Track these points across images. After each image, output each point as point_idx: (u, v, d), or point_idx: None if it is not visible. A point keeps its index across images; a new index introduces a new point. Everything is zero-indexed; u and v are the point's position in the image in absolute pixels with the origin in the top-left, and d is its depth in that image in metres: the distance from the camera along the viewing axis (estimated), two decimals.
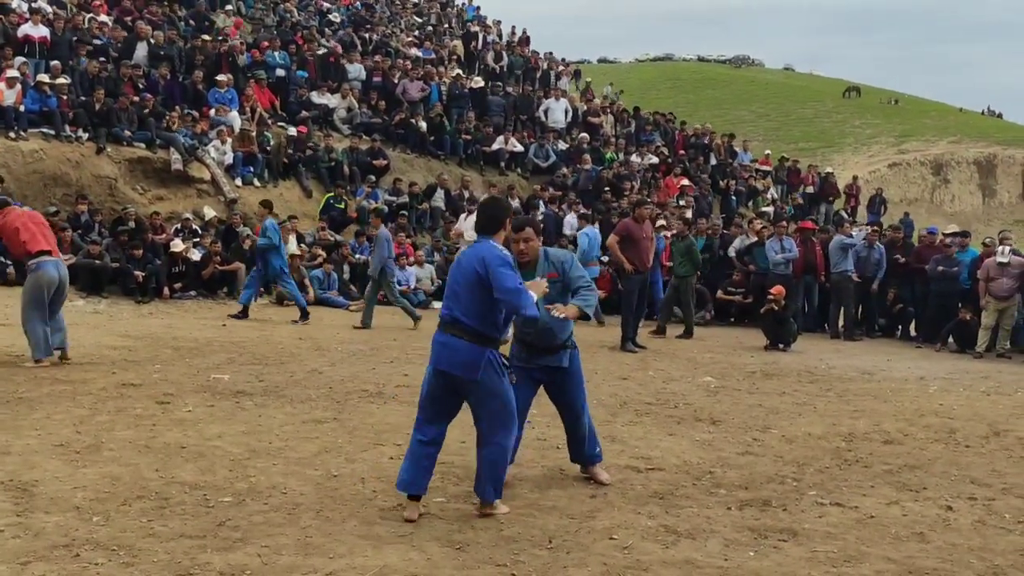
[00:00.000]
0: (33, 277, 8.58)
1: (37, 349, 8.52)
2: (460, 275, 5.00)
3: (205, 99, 17.60)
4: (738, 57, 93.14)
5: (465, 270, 4.95)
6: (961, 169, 56.72)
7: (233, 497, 5.11)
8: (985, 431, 7.62)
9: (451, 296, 5.01)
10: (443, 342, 4.95)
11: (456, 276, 5.04)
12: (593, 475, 5.78)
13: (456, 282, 5.01)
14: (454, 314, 4.95)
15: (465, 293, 4.93)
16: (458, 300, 4.95)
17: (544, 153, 21.44)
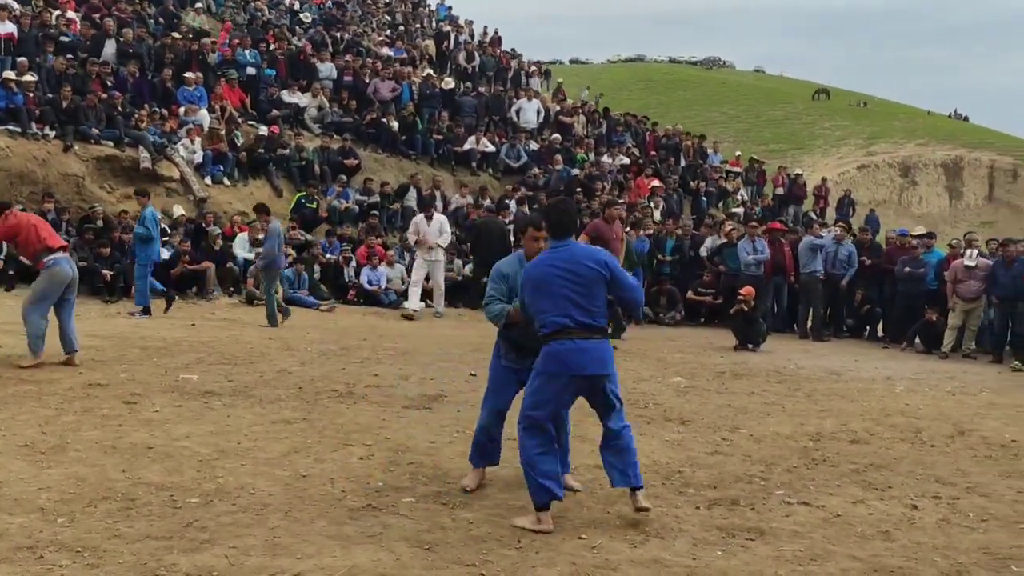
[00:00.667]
0: (49, 273, 8.57)
1: (36, 344, 8.46)
2: (570, 280, 4.94)
3: (174, 97, 17.45)
4: (709, 59, 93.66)
5: (579, 274, 4.93)
6: (928, 171, 57.37)
7: (201, 498, 5.08)
8: (950, 431, 7.71)
9: (563, 303, 4.92)
10: (582, 348, 4.91)
11: (561, 282, 4.94)
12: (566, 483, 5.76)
13: (566, 287, 4.93)
14: (580, 319, 4.91)
15: (586, 296, 4.93)
16: (578, 305, 4.92)
17: (516, 153, 21.45)
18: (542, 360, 5.00)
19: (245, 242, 15.12)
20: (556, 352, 4.93)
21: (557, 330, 4.92)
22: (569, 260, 4.96)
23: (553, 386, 5.00)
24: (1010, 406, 9.07)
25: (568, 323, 4.91)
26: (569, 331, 4.91)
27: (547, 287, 4.96)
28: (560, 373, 4.95)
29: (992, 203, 57.08)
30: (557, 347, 4.92)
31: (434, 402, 7.87)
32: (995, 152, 60.05)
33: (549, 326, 4.94)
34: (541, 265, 5.04)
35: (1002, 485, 6.08)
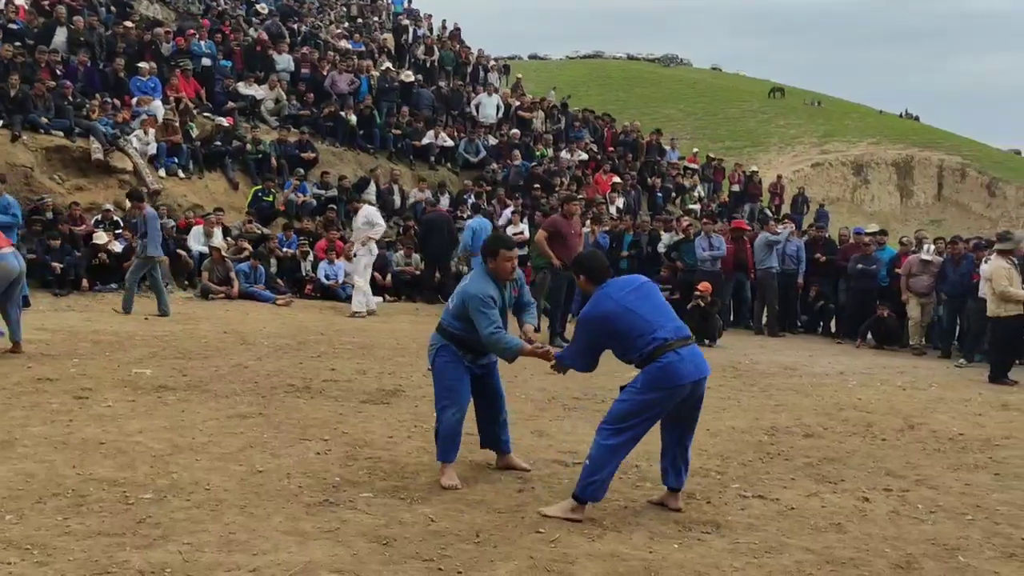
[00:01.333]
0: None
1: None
2: (652, 297, 5.24)
3: (127, 88, 17.15)
4: (667, 56, 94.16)
5: (655, 292, 5.32)
6: (880, 170, 58.24)
7: (154, 494, 5.01)
8: (900, 424, 7.84)
9: (659, 315, 5.13)
10: (687, 355, 5.05)
11: (650, 298, 5.21)
12: (513, 464, 5.88)
13: (654, 302, 5.20)
14: (677, 326, 5.15)
15: (669, 309, 5.25)
16: (669, 316, 5.18)
17: (474, 148, 21.41)
18: (651, 378, 5.03)
19: (200, 235, 14.94)
20: (673, 363, 5.01)
21: (670, 341, 5.04)
22: (648, 283, 5.36)
23: (661, 398, 5.06)
24: (958, 400, 9.24)
25: (671, 335, 5.06)
26: (676, 340, 5.06)
27: (644, 303, 5.14)
28: (679, 382, 5.04)
29: (941, 202, 58.11)
30: (674, 357, 5.02)
31: (392, 397, 7.84)
32: (944, 152, 61.15)
33: (651, 343, 5.02)
34: (612, 299, 5.14)
35: (950, 478, 6.20)
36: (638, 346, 5.03)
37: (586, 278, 5.34)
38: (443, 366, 5.62)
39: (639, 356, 5.05)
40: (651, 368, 5.00)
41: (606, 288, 5.21)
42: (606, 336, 5.17)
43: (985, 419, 8.29)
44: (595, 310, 5.17)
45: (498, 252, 5.51)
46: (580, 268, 5.42)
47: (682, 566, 4.39)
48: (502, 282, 5.55)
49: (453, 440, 5.57)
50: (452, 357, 5.59)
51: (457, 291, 5.65)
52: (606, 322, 5.11)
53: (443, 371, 5.62)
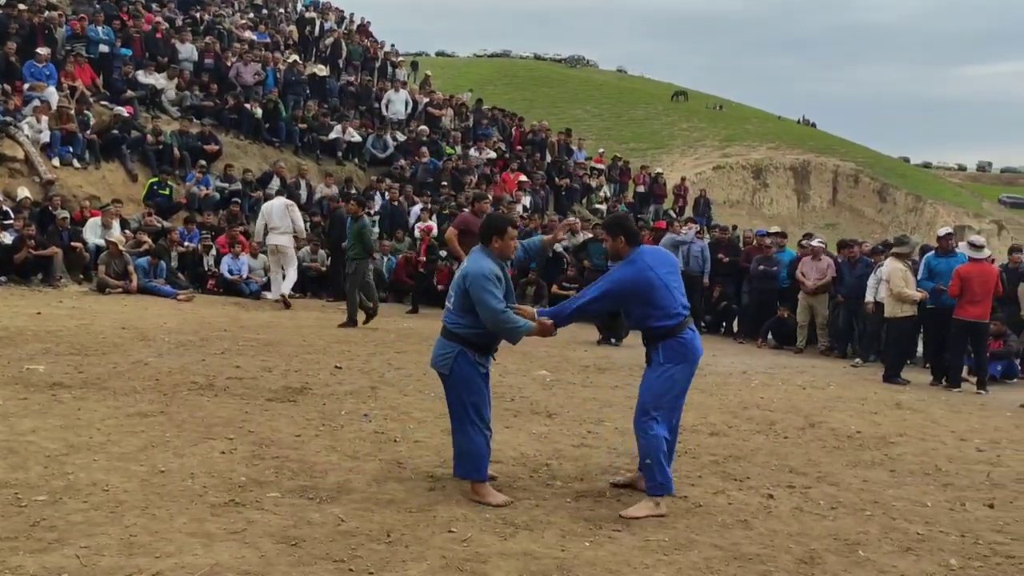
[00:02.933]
0: None
1: None
2: (679, 277, 5.54)
3: (18, 73, 16.46)
4: (573, 57, 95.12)
5: (678, 271, 5.60)
6: (779, 174, 59.92)
7: (49, 495, 4.81)
8: (802, 423, 8.05)
9: (681, 294, 5.44)
10: (696, 333, 5.44)
11: (679, 278, 5.51)
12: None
13: (680, 282, 5.49)
14: (686, 305, 5.44)
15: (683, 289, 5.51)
16: (684, 295, 5.48)
17: (382, 144, 21.22)
18: (673, 352, 5.30)
19: (97, 227, 14.42)
20: (689, 341, 5.33)
21: (685, 319, 5.34)
22: (659, 258, 5.48)
23: (682, 374, 5.37)
24: (855, 399, 9.54)
25: (687, 313, 5.38)
26: (687, 320, 5.37)
27: (661, 284, 5.31)
28: (691, 361, 5.38)
29: (836, 206, 60.13)
30: (690, 336, 5.35)
31: (299, 395, 7.70)
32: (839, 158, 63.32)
33: (675, 318, 5.29)
34: (655, 272, 5.32)
35: (849, 474, 6.38)
36: (660, 317, 5.30)
37: (625, 239, 5.44)
38: (466, 379, 5.30)
39: (659, 328, 5.31)
40: (674, 343, 5.30)
41: (646, 257, 5.39)
42: (635, 300, 5.35)
43: (880, 417, 8.57)
44: (639, 275, 5.30)
45: (505, 230, 5.38)
46: (619, 229, 5.49)
47: (594, 564, 4.41)
48: (505, 262, 5.45)
49: (485, 459, 5.36)
50: (471, 366, 5.29)
51: (454, 282, 5.41)
52: (647, 290, 5.29)
53: (466, 384, 5.31)
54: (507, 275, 5.41)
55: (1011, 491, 6.20)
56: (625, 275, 5.33)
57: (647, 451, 5.28)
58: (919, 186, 64.59)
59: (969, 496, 6.00)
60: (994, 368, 11.92)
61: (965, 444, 7.66)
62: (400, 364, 9.44)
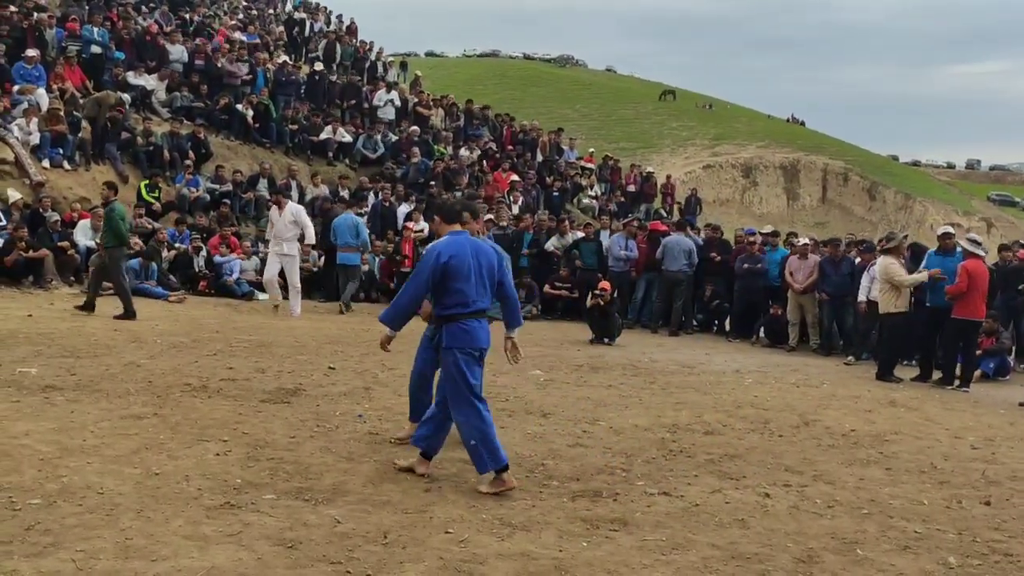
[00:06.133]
0: None
1: None
2: (483, 266, 5.66)
3: (8, 75, 16.37)
4: (562, 57, 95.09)
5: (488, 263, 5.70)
6: (768, 173, 60.04)
7: (43, 499, 4.77)
8: (796, 421, 8.06)
9: (484, 288, 5.64)
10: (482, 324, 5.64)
11: (487, 272, 5.68)
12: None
13: (482, 273, 5.65)
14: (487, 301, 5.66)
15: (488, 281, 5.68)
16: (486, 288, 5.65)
17: (373, 144, 21.16)
18: (454, 337, 5.52)
19: (87, 229, 14.35)
20: (471, 329, 5.52)
21: (477, 311, 5.53)
22: (476, 248, 5.62)
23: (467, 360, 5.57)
24: (848, 397, 9.56)
25: (483, 305, 5.57)
26: (482, 312, 5.58)
27: (467, 271, 5.50)
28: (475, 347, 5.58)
29: (825, 204, 60.29)
30: (471, 325, 5.52)
31: (292, 396, 7.67)
32: (828, 156, 63.49)
33: (470, 306, 5.50)
34: (471, 256, 5.54)
35: (845, 472, 6.39)
36: (456, 303, 5.48)
37: (441, 219, 5.75)
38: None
39: (449, 312, 5.50)
40: (455, 328, 5.51)
41: (463, 242, 5.56)
42: (444, 280, 5.46)
43: (875, 415, 8.59)
44: (458, 252, 5.48)
45: (479, 214, 5.82)
46: (436, 210, 5.85)
47: (591, 564, 4.40)
48: None
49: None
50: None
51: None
52: (457, 271, 5.45)
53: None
54: None
55: (1007, 488, 6.22)
56: (436, 258, 5.49)
57: (468, 433, 5.51)
58: (908, 184, 64.84)
59: (965, 494, 6.02)
60: (987, 365, 11.96)
61: (960, 442, 7.68)
62: (393, 364, 9.39)
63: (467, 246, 5.57)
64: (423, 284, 5.50)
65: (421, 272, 5.50)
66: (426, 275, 5.47)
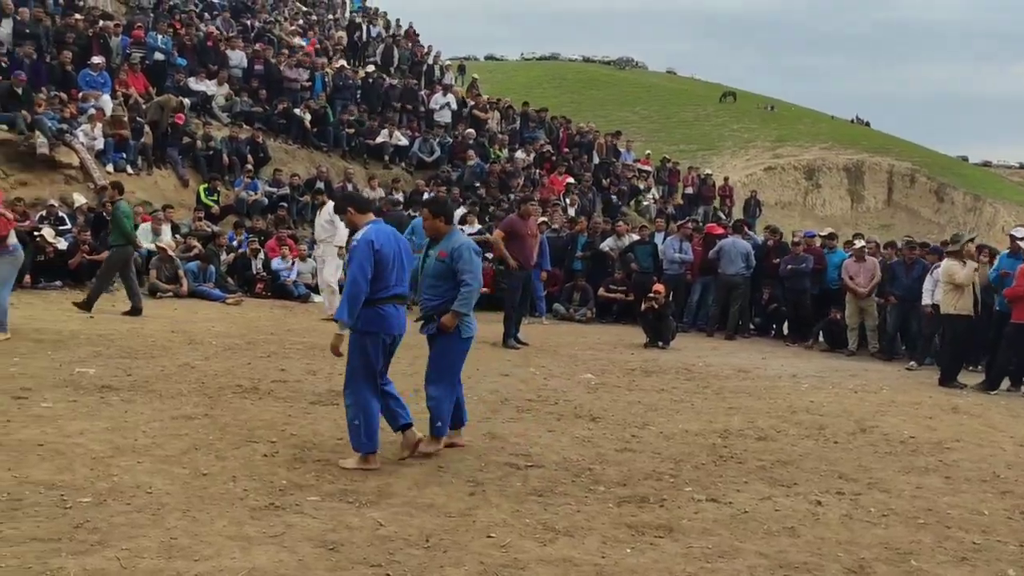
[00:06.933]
0: (13, 258, 9.68)
1: (5, 322, 9.42)
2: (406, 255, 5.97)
3: (74, 81, 16.79)
4: (622, 59, 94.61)
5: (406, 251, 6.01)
6: (832, 174, 59.03)
7: (93, 497, 4.85)
8: (853, 427, 7.87)
9: (402, 274, 5.92)
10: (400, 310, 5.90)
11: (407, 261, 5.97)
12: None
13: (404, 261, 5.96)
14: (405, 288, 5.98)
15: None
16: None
17: (429, 148, 21.28)
18: (368, 321, 5.70)
19: (148, 232, 14.63)
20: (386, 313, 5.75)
21: (396, 295, 5.79)
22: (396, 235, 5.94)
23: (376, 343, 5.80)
24: (908, 403, 9.31)
25: (402, 290, 5.86)
26: (401, 297, 5.86)
27: (392, 258, 5.77)
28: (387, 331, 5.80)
29: (891, 207, 59.06)
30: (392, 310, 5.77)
31: (341, 398, 7.67)
32: (894, 157, 62.18)
33: (390, 290, 5.75)
34: (394, 242, 5.83)
35: (901, 481, 6.21)
36: (379, 287, 5.66)
37: (354, 209, 5.99)
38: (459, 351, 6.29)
39: (371, 296, 5.65)
40: (371, 312, 5.67)
41: (386, 230, 5.85)
42: (375, 265, 5.65)
43: (936, 422, 8.35)
44: (385, 239, 5.74)
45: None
46: (348, 201, 6.18)
47: (634, 571, 4.33)
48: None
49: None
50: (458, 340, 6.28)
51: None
52: (385, 257, 5.68)
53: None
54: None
55: None
56: (368, 244, 5.67)
57: (354, 413, 5.73)
58: (978, 185, 63.18)
59: None
60: None
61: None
62: None
63: (389, 233, 5.86)
64: (367, 272, 5.63)
65: (363, 261, 5.63)
66: (369, 261, 5.63)
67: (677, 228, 16.36)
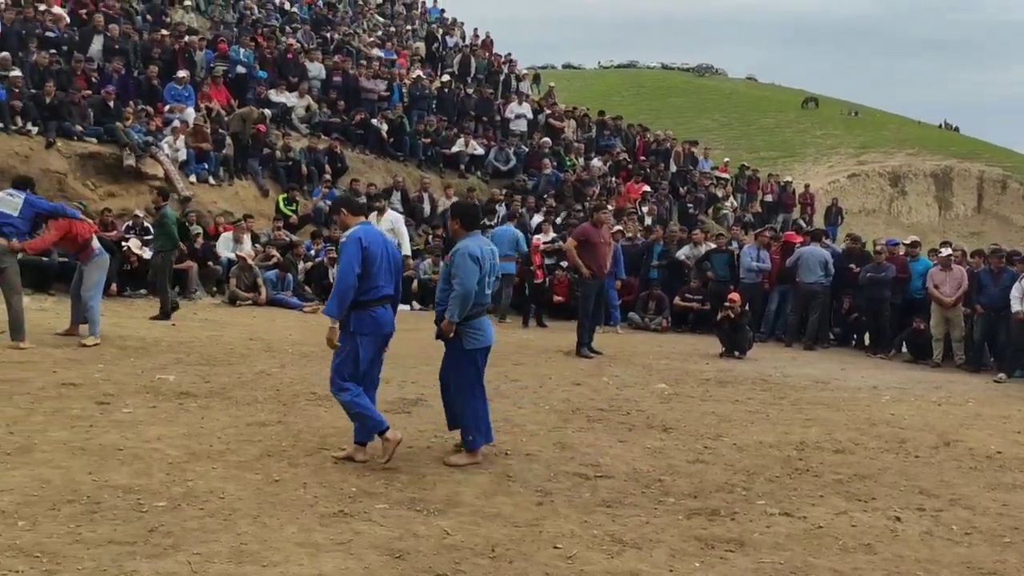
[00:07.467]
0: (99, 263, 10.09)
1: (97, 326, 9.92)
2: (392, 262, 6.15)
3: (160, 95, 17.29)
4: (701, 66, 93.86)
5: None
6: (918, 181, 57.57)
7: (168, 502, 4.95)
8: (935, 441, 7.62)
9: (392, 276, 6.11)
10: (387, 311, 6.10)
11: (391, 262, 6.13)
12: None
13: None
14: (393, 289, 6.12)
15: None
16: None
17: (504, 157, 21.35)
18: (361, 322, 5.88)
19: (229, 241, 14.97)
20: (378, 316, 5.93)
21: (384, 296, 5.95)
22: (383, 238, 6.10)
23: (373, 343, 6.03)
24: (996, 417, 9.00)
25: (389, 292, 6.02)
26: (389, 298, 6.02)
27: (379, 259, 5.90)
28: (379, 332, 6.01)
29: (981, 214, 57.35)
30: (377, 312, 5.93)
31: (413, 406, 7.76)
32: (984, 163, 60.37)
33: (379, 291, 5.89)
34: (378, 243, 5.95)
35: (987, 497, 5.99)
36: (368, 288, 5.80)
37: (348, 211, 6.10)
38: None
39: (360, 298, 5.80)
40: (364, 314, 5.84)
41: (374, 232, 6.02)
42: (363, 266, 5.78)
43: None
44: (373, 240, 5.87)
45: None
46: (343, 203, 6.30)
47: None
48: None
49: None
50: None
51: None
52: (373, 257, 5.81)
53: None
54: None
55: None
56: (352, 247, 5.79)
57: (346, 409, 5.94)
58: None
59: None
60: None
61: None
62: (516, 376, 9.40)
63: (378, 235, 6.02)
64: (356, 268, 5.73)
65: (352, 258, 5.74)
66: (357, 259, 5.74)
67: (755, 237, 16.12)
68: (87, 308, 9.90)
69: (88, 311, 9.91)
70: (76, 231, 9.91)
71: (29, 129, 14.91)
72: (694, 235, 17.05)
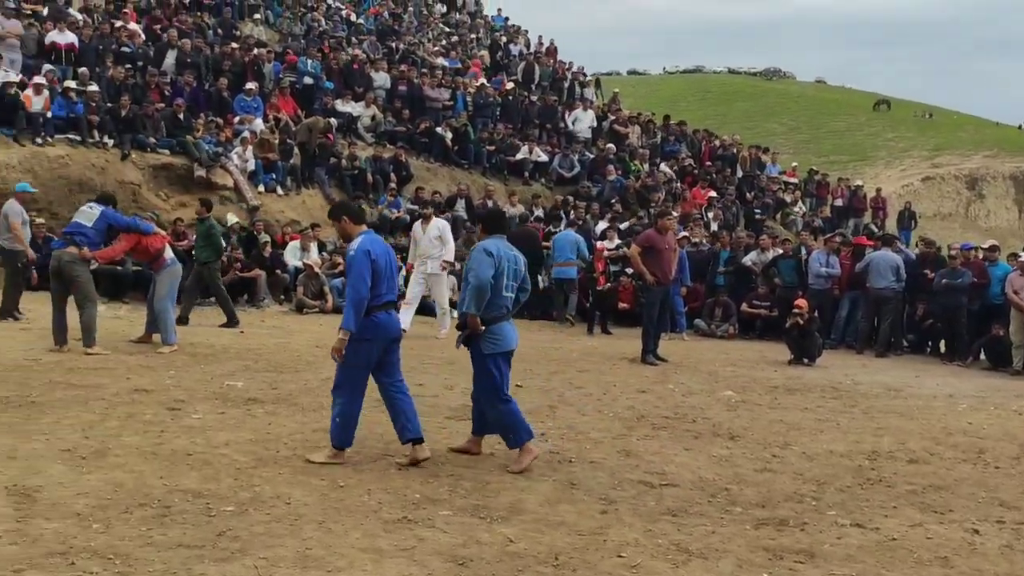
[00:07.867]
0: (171, 271, 10.47)
1: (172, 333, 10.17)
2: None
3: (230, 106, 17.65)
4: (769, 69, 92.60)
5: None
6: (996, 184, 55.98)
7: (236, 506, 5.01)
8: (1016, 451, 7.39)
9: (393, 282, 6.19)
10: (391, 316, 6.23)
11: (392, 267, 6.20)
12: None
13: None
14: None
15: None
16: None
17: (568, 163, 21.32)
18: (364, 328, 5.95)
19: (296, 250, 15.19)
20: (380, 321, 6.02)
21: (386, 303, 6.06)
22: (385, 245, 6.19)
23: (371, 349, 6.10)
24: None
25: (391, 298, 6.09)
26: (392, 304, 6.14)
27: (385, 267, 5.98)
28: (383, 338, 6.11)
29: None
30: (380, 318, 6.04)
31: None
32: None
33: (382, 298, 5.99)
34: (382, 248, 6.08)
35: None
36: (373, 295, 5.86)
37: (350, 219, 6.14)
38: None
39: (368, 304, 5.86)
40: (366, 321, 5.89)
41: (379, 240, 6.14)
42: (372, 274, 5.84)
43: None
44: (379, 249, 5.97)
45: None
46: (344, 210, 6.27)
47: None
48: None
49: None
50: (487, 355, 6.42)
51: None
52: (380, 267, 5.88)
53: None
54: None
55: None
56: (353, 255, 5.90)
57: (339, 412, 6.02)
58: None
59: None
60: None
61: None
62: (580, 383, 9.35)
63: (381, 244, 6.11)
64: (367, 280, 5.81)
65: (362, 269, 5.82)
66: (368, 271, 5.81)
67: (824, 242, 15.83)
68: (159, 317, 10.18)
69: (160, 320, 10.16)
70: (147, 243, 10.24)
71: (105, 142, 15.35)
72: (761, 241, 16.81)
